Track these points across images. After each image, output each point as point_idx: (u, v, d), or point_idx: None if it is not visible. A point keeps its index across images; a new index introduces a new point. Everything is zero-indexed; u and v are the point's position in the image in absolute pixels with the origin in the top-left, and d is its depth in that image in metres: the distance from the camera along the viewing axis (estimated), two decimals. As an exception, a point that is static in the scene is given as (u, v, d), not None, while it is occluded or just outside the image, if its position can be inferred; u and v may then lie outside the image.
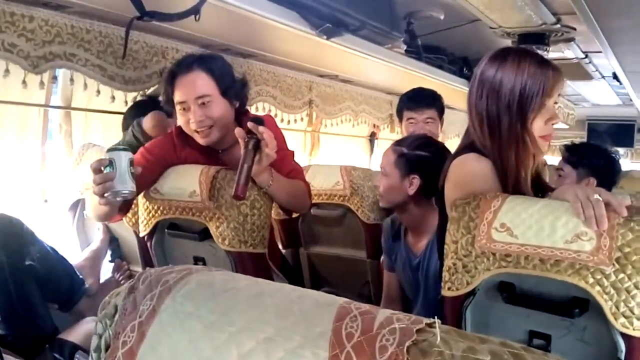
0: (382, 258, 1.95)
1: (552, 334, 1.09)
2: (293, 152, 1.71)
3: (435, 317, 0.37)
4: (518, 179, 1.19)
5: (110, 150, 1.36)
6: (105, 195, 1.33)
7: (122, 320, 0.46)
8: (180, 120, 1.55)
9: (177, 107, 1.53)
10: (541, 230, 1.03)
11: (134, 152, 1.48)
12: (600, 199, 0.99)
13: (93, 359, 0.48)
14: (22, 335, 1.51)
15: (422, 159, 1.72)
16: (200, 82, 1.50)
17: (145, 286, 0.47)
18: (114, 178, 1.31)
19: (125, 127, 1.95)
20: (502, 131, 1.18)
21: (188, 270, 0.48)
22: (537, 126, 1.19)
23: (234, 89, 1.57)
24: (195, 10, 1.59)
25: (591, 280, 0.99)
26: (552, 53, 3.11)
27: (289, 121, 2.92)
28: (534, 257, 1.02)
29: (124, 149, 1.36)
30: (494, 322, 1.14)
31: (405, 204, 1.72)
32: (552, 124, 1.20)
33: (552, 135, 1.23)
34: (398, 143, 1.80)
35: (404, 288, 1.87)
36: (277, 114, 2.78)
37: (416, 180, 1.70)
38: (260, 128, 1.38)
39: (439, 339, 0.36)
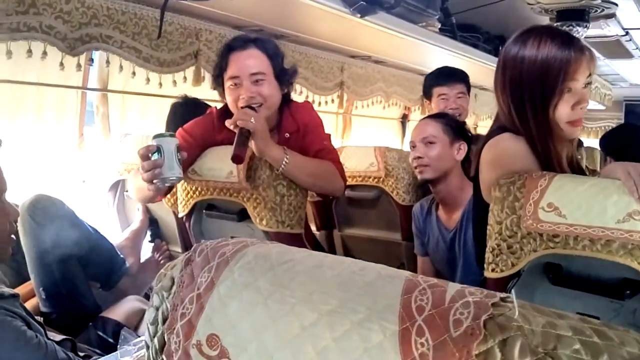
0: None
1: (601, 316, 1.06)
2: (329, 134, 1.68)
3: (512, 290, 0.35)
4: (558, 162, 1.15)
5: (156, 136, 1.36)
6: (154, 181, 1.34)
7: (180, 292, 0.46)
8: (228, 97, 1.53)
9: (228, 83, 1.52)
10: (591, 210, 0.99)
11: None
12: (654, 176, 0.94)
13: (150, 331, 0.48)
14: (66, 313, 1.55)
15: (464, 128, 1.83)
16: (257, 60, 1.51)
17: (202, 258, 0.46)
18: (162, 165, 1.33)
19: (171, 129, 1.95)
20: (530, 119, 1.14)
21: (244, 242, 0.47)
22: (564, 112, 1.12)
23: (286, 75, 1.58)
24: (229, -11, 1.57)
25: (645, 261, 0.95)
26: (591, 30, 2.99)
27: (319, 103, 2.90)
28: (584, 237, 0.99)
29: (170, 135, 1.37)
30: (539, 304, 1.10)
31: (449, 173, 1.75)
32: (581, 108, 1.13)
33: (582, 120, 1.16)
34: (432, 116, 1.87)
35: (438, 269, 1.86)
36: (309, 96, 2.76)
37: (464, 146, 1.78)
38: (248, 111, 1.42)
39: (517, 313, 0.34)
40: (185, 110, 1.90)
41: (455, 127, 1.79)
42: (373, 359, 0.35)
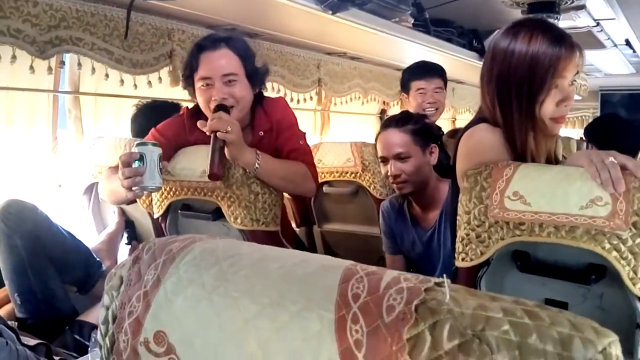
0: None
1: (569, 301, 1.08)
2: (304, 133, 1.67)
3: (444, 275, 0.36)
4: (533, 158, 1.17)
5: (140, 144, 1.37)
6: (133, 188, 1.35)
7: (128, 291, 0.46)
8: (199, 98, 1.52)
9: (199, 84, 1.51)
10: (554, 197, 1.01)
11: None
12: (616, 161, 0.97)
13: (101, 331, 0.48)
14: (42, 318, 1.54)
15: (429, 128, 1.77)
16: (228, 61, 1.50)
17: (149, 256, 0.47)
18: (144, 173, 1.33)
19: (135, 133, 1.95)
20: (514, 113, 1.14)
21: (192, 239, 0.48)
22: (549, 108, 1.14)
23: (258, 74, 1.57)
24: (199, -12, 1.56)
25: (607, 245, 0.97)
26: (563, 22, 3.04)
27: (298, 100, 2.90)
28: (549, 224, 1.01)
29: (153, 144, 1.38)
30: (509, 291, 1.13)
31: (428, 179, 1.72)
32: (565, 106, 1.15)
33: (565, 117, 1.18)
34: (395, 124, 1.75)
35: (415, 269, 1.86)
36: (287, 94, 2.76)
37: (435, 149, 1.75)
38: (224, 115, 1.40)
39: (447, 297, 0.35)
40: (146, 116, 1.90)
41: (423, 131, 1.73)
42: (311, 347, 0.36)
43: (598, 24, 3.41)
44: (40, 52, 1.70)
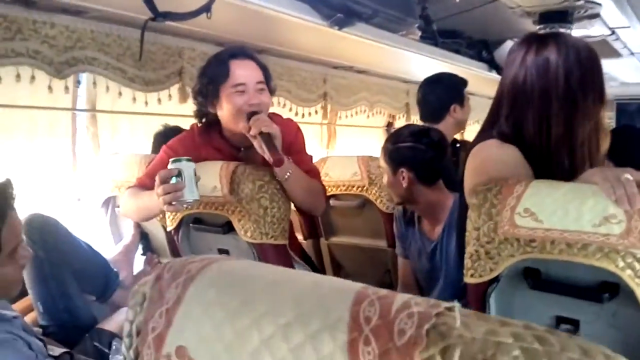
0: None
1: (581, 319, 1.07)
2: (311, 156, 1.75)
3: (455, 300, 0.38)
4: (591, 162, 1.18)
5: (175, 161, 1.42)
6: (173, 204, 1.40)
7: (150, 307, 0.49)
8: (230, 104, 1.53)
9: (232, 90, 1.52)
10: (567, 214, 0.99)
11: None
12: (631, 178, 0.96)
13: (126, 343, 0.51)
14: (63, 326, 1.58)
15: (403, 151, 1.71)
16: (258, 71, 1.57)
17: (170, 275, 0.49)
18: (183, 188, 1.38)
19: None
20: (579, 110, 1.16)
21: (209, 259, 0.50)
22: None
23: (272, 89, 1.65)
24: (206, 8, 1.60)
25: (621, 264, 0.94)
26: (576, 30, 2.98)
27: (303, 114, 2.90)
28: (560, 241, 0.99)
29: (187, 159, 1.43)
30: (519, 308, 1.12)
31: (411, 196, 1.72)
32: None
33: None
34: (387, 139, 1.83)
35: (420, 280, 1.86)
36: (292, 108, 2.77)
37: (405, 173, 1.69)
38: (261, 116, 1.47)
39: (458, 322, 0.36)
40: (167, 139, 1.94)
41: (395, 153, 1.72)
42: (325, 367, 0.37)
43: (613, 33, 3.33)
44: (57, 72, 1.75)
